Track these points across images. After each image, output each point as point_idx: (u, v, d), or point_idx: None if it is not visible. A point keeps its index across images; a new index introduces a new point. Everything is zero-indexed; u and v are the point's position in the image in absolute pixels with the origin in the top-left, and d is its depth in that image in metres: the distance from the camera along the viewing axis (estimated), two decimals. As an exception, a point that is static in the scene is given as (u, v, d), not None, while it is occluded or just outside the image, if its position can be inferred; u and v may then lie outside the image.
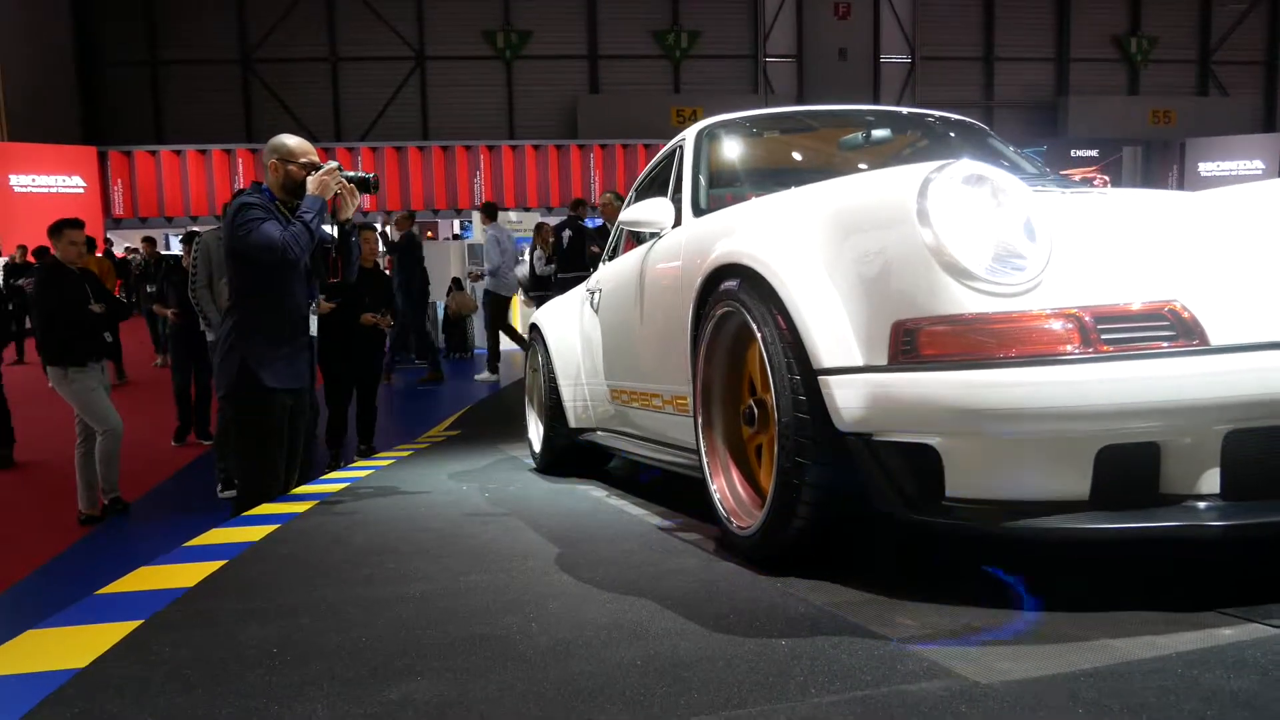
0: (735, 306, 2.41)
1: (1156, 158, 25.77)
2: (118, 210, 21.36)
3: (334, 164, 4.01)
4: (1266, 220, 2.25)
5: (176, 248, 17.79)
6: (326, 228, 4.14)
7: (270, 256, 3.76)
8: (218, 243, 5.88)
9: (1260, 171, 23.09)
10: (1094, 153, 24.86)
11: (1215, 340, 1.76)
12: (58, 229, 5.94)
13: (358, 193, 4.01)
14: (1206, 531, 1.76)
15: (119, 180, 21.33)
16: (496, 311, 11.17)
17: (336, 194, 3.96)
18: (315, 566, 2.65)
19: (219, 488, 6.24)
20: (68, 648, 1.91)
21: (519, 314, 15.71)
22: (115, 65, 23.57)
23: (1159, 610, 1.82)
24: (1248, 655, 1.56)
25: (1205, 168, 23.98)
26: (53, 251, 6.02)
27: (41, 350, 5.97)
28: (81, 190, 20.64)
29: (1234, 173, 23.38)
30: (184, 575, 2.53)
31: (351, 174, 4.01)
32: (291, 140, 4.05)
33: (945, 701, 1.44)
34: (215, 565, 2.63)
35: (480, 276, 12.14)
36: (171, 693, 1.66)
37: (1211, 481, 1.78)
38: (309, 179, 3.92)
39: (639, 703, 1.51)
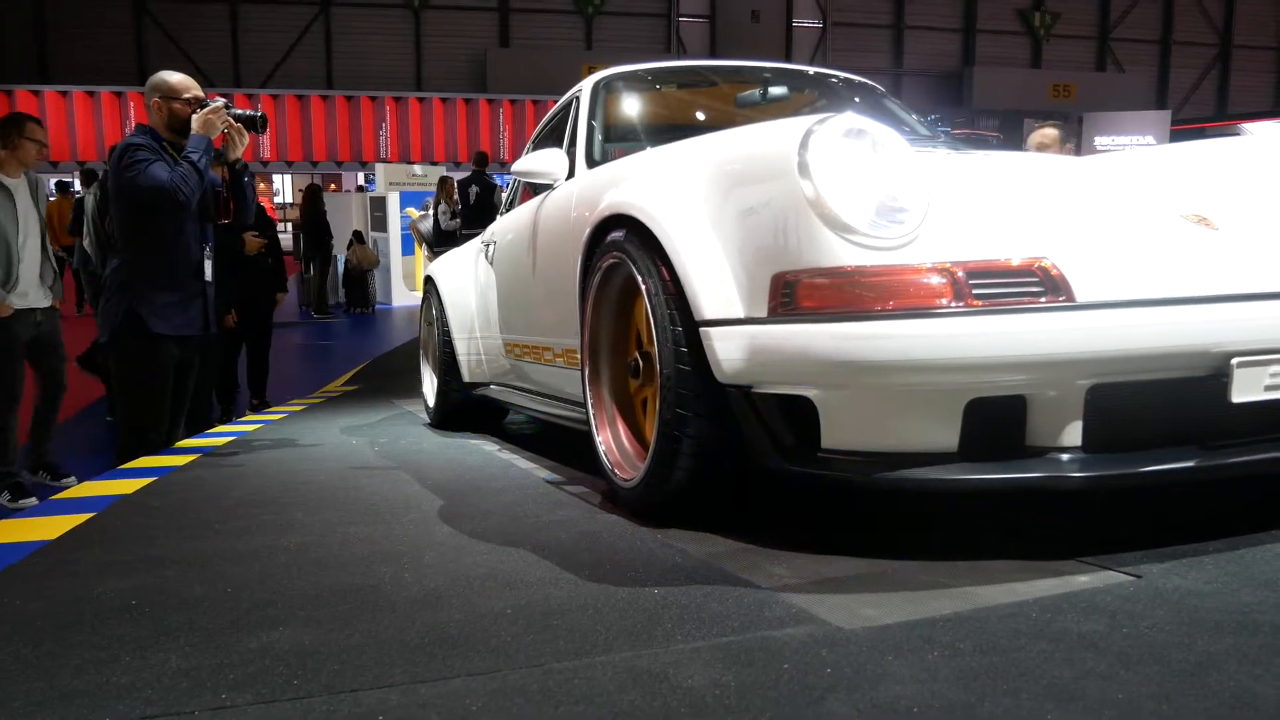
0: (621, 258, 2.39)
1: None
2: (-2, 152, 20.26)
3: (220, 101, 3.87)
4: (1132, 185, 2.33)
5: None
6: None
7: (158, 198, 3.65)
8: None
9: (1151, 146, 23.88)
10: (995, 123, 25.43)
11: (1081, 297, 1.79)
12: None
13: (245, 131, 3.89)
14: (1068, 483, 1.80)
15: (-1, 121, 20.21)
16: None
17: (224, 133, 3.84)
18: (188, 519, 2.56)
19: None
20: (-94, 601, 1.81)
21: (421, 268, 15.50)
22: (-5, -2, 22.30)
23: (1022, 559, 1.87)
24: (1100, 600, 1.61)
25: (1101, 141, 24.72)
26: None
27: None
28: (-43, 131, 19.51)
29: (1127, 147, 24.12)
30: (47, 528, 2.42)
31: (239, 112, 3.89)
32: (173, 77, 3.90)
33: (807, 646, 1.45)
34: (82, 518, 2.53)
35: None
36: (17, 645, 1.58)
37: (1074, 434, 1.83)
38: (194, 117, 3.78)
39: (504, 651, 1.50)
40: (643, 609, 1.66)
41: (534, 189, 3.69)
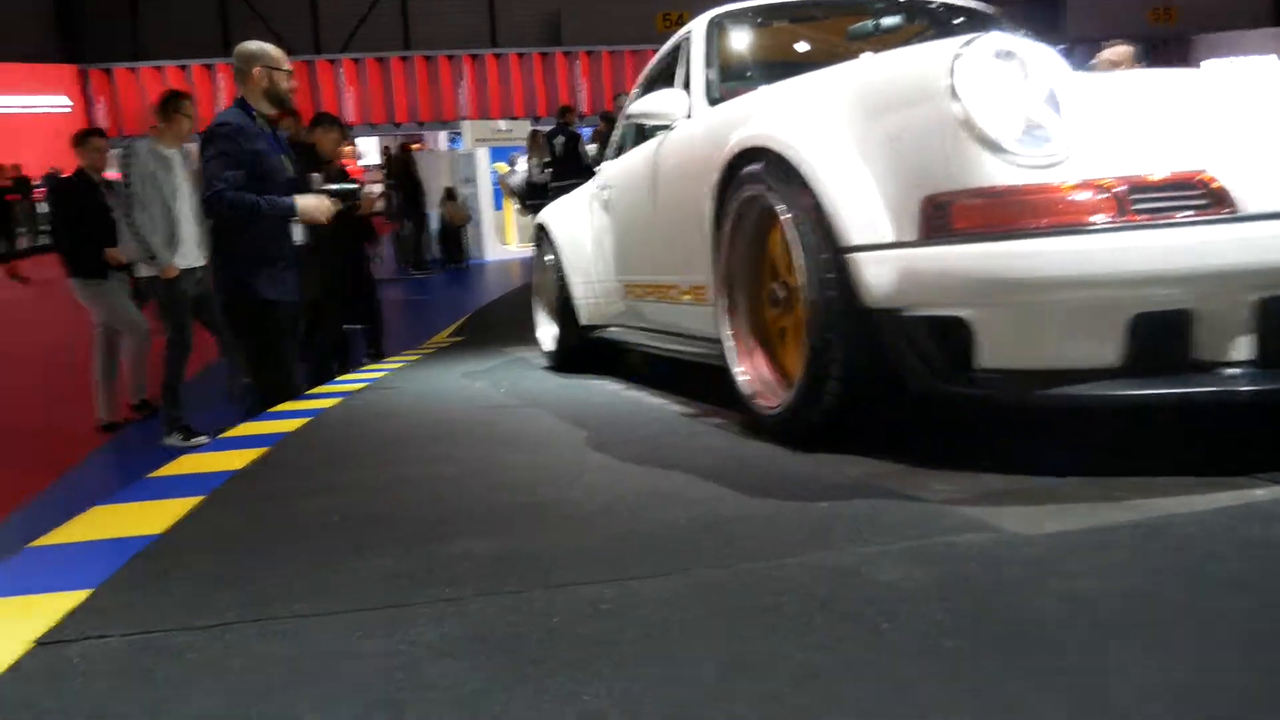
0: (760, 190, 2.43)
1: (1159, 56, 25.39)
2: (103, 128, 20.98)
3: (327, 201, 3.99)
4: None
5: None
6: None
7: (205, 192, 3.78)
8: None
9: (1276, 65, 22.48)
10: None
11: (1245, 208, 1.79)
12: (84, 137, 5.98)
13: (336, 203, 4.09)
14: (1236, 396, 1.80)
15: (101, 98, 20.97)
16: None
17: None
18: (349, 453, 2.72)
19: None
20: (138, 519, 2.00)
21: (513, 223, 15.67)
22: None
23: (1192, 475, 1.85)
24: (1280, 511, 1.61)
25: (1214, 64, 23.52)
26: (80, 163, 5.94)
27: (68, 263, 5.91)
28: (69, 110, 20.39)
29: (1247, 68, 22.88)
30: (228, 461, 2.59)
31: (336, 188, 4.16)
32: (271, 47, 3.94)
33: (990, 549, 1.50)
34: (258, 452, 2.69)
35: None
36: (252, 550, 1.75)
37: (1243, 348, 1.81)
38: (303, 200, 3.84)
39: (688, 553, 1.58)
40: (815, 519, 1.72)
41: (645, 133, 3.74)
